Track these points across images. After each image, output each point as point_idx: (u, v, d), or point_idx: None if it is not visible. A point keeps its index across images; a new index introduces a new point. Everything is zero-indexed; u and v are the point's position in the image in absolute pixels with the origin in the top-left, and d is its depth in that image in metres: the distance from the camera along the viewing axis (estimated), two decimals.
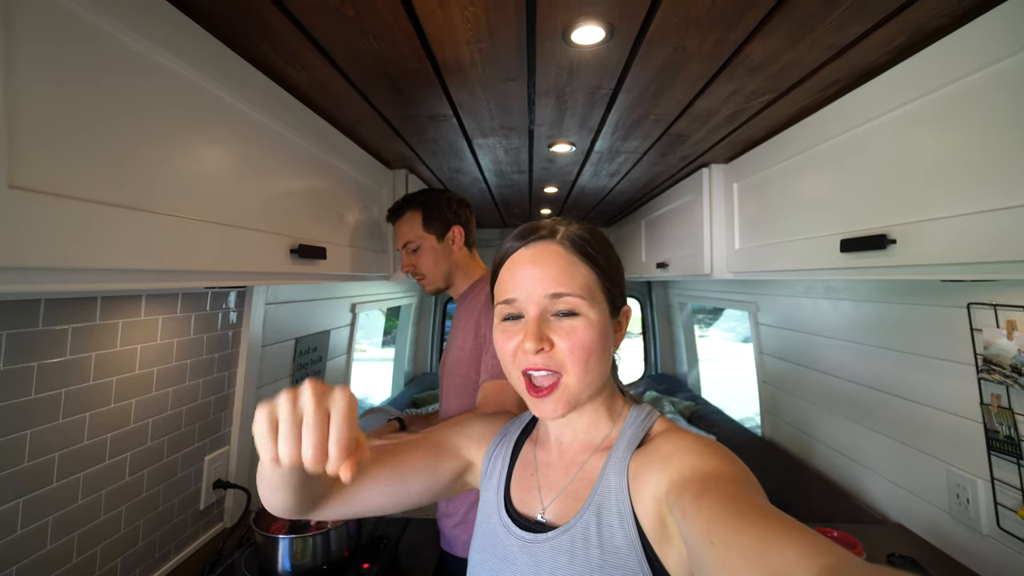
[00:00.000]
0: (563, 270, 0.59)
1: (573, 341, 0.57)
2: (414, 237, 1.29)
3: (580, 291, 0.58)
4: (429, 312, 3.63)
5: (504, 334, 0.61)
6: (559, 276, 0.59)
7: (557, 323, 0.58)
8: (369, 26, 0.76)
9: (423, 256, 1.30)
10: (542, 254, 0.60)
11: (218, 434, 1.32)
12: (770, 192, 1.28)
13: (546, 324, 0.58)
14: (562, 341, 0.57)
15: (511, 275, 0.61)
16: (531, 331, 0.57)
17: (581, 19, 0.74)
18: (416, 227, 1.29)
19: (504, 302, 0.61)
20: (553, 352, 0.57)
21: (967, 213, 0.72)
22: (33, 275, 0.51)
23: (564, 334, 0.57)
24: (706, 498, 0.46)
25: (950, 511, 1.22)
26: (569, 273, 0.59)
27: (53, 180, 0.51)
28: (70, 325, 0.88)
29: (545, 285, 0.58)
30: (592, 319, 0.58)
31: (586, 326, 0.58)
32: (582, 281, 0.59)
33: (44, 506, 0.85)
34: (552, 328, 0.58)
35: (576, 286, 0.59)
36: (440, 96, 1.04)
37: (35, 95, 0.49)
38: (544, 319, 0.58)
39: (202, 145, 0.73)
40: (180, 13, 0.68)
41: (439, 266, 1.30)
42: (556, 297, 0.58)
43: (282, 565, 1.04)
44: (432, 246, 1.29)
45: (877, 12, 0.73)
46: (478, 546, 0.67)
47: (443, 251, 1.30)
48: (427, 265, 1.30)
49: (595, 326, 0.58)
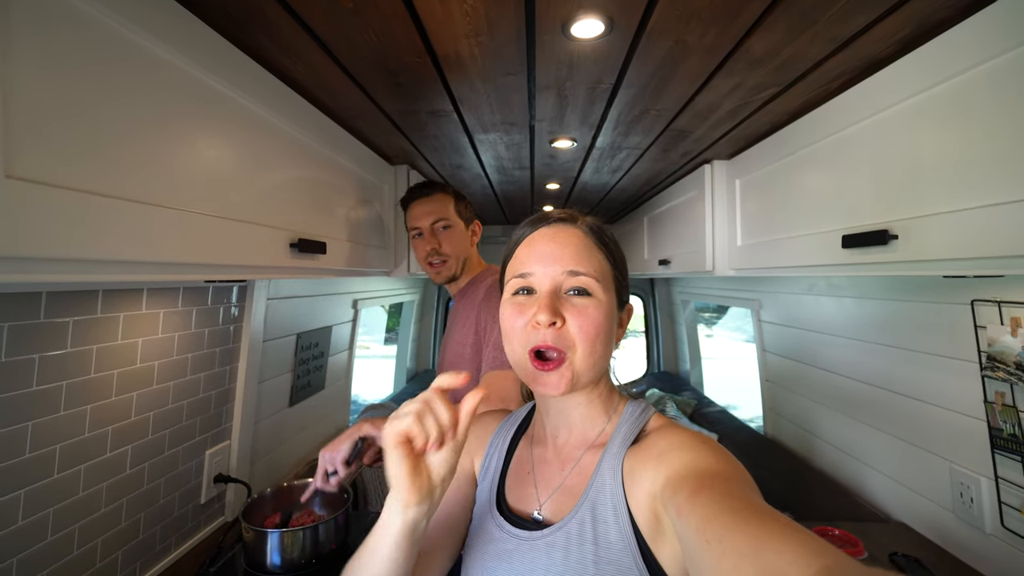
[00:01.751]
0: (581, 250, 0.61)
1: (584, 319, 0.58)
2: (448, 215, 1.30)
3: (595, 273, 0.60)
4: (431, 309, 3.63)
5: (515, 307, 0.61)
6: (578, 255, 0.61)
7: (569, 301, 0.59)
8: (368, 19, 0.76)
9: (453, 236, 1.30)
10: (563, 234, 0.63)
11: (219, 428, 1.32)
12: (772, 188, 1.27)
13: (559, 300, 0.59)
14: (573, 319, 0.58)
15: (530, 250, 0.63)
16: (546, 303, 0.58)
17: (580, 12, 0.74)
18: (450, 208, 1.31)
19: (519, 276, 0.62)
20: (563, 330, 0.58)
21: (970, 208, 0.71)
22: (32, 265, 0.51)
23: (576, 312, 0.59)
24: (701, 496, 0.46)
25: (953, 509, 1.21)
26: (587, 255, 0.61)
27: (51, 171, 0.51)
28: (71, 318, 0.88)
29: (564, 261, 0.60)
30: (603, 302, 0.60)
31: (597, 307, 0.59)
32: (597, 265, 0.61)
33: (45, 498, 0.86)
34: (564, 305, 0.59)
35: (592, 268, 0.61)
36: (440, 91, 1.03)
37: (32, 86, 0.49)
38: (558, 295, 0.60)
39: (200, 137, 0.73)
40: (177, 3, 0.68)
41: (463, 251, 1.32)
42: (573, 275, 0.60)
43: (271, 559, 1.05)
44: (462, 230, 1.33)
45: (880, 4, 0.72)
46: (472, 544, 0.67)
47: (468, 238, 1.34)
48: (453, 246, 1.30)
49: (605, 310, 0.60)
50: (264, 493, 1.22)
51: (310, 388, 1.84)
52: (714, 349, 5.03)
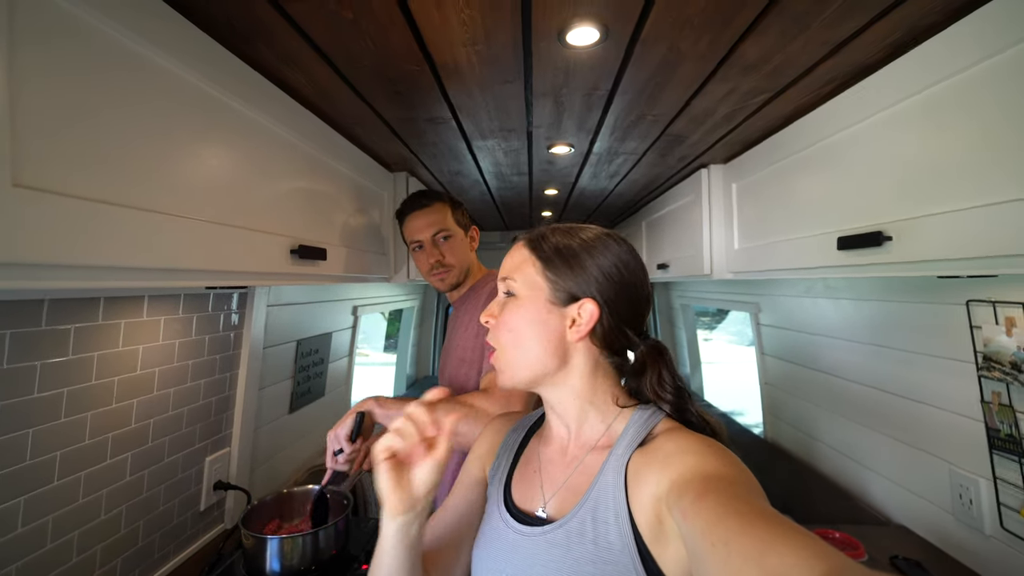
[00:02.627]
0: (519, 263, 0.68)
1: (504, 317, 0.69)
2: (448, 225, 1.30)
3: (518, 276, 0.67)
4: (431, 315, 3.64)
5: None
6: (513, 267, 0.68)
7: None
8: (366, 28, 0.78)
9: (454, 245, 1.30)
10: (514, 250, 0.71)
11: (219, 435, 1.32)
12: (768, 192, 1.28)
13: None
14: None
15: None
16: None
17: (575, 20, 0.75)
18: (448, 217, 1.31)
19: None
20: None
21: (962, 208, 0.72)
22: (36, 272, 0.52)
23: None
24: (707, 499, 0.46)
25: (953, 512, 1.21)
26: (519, 263, 0.68)
27: (56, 179, 0.52)
28: (73, 325, 0.89)
29: (504, 271, 0.69)
30: (523, 300, 0.66)
31: (515, 305, 0.66)
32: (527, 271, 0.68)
33: (44, 505, 0.86)
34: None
35: (519, 273, 0.67)
36: (438, 98, 1.05)
37: (36, 96, 0.50)
38: None
39: (201, 145, 0.74)
40: (178, 14, 0.69)
41: (465, 259, 1.32)
42: (502, 280, 0.70)
43: (270, 566, 1.05)
44: (462, 238, 1.33)
45: (870, 9, 0.73)
46: (482, 540, 0.68)
47: (468, 246, 1.35)
48: (456, 256, 1.30)
49: (523, 308, 0.65)
50: (264, 500, 1.22)
51: (310, 395, 1.84)
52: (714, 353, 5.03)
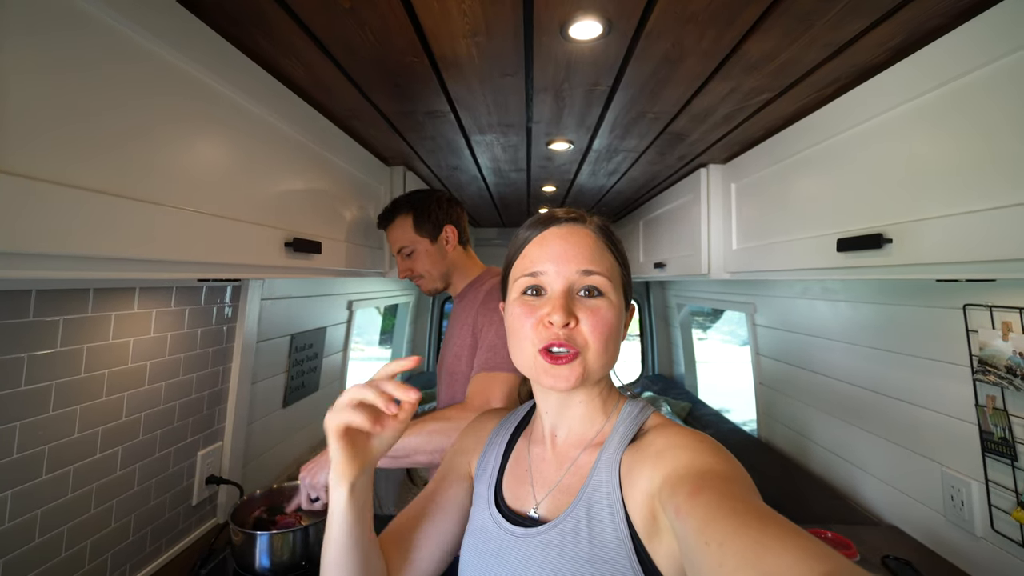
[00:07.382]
0: (594, 250, 0.61)
1: (597, 320, 0.58)
2: (408, 242, 1.28)
3: (607, 272, 0.61)
4: (426, 310, 3.62)
5: (525, 306, 0.60)
6: (591, 255, 0.61)
7: (581, 301, 0.59)
8: (366, 18, 0.76)
9: (419, 260, 1.29)
10: (575, 233, 0.63)
11: (212, 429, 1.31)
12: (768, 192, 1.28)
13: (572, 301, 0.59)
14: (586, 319, 0.58)
15: (541, 249, 0.62)
16: (560, 304, 0.57)
17: (579, 13, 0.74)
18: (408, 231, 1.28)
19: (529, 274, 0.62)
20: (576, 329, 0.58)
21: (963, 212, 0.72)
22: (24, 261, 0.50)
23: (589, 312, 0.58)
24: (701, 496, 0.45)
25: (944, 513, 1.22)
26: (598, 255, 0.61)
27: (44, 166, 0.51)
28: (61, 317, 0.87)
29: (578, 261, 0.60)
30: (614, 302, 0.60)
31: (608, 307, 0.59)
32: (608, 265, 0.62)
33: (33, 499, 0.84)
34: (577, 305, 0.59)
35: (604, 267, 0.61)
36: (437, 91, 1.03)
37: (25, 81, 0.49)
38: (571, 295, 0.59)
39: (195, 134, 0.72)
40: (176, 3, 0.67)
41: (436, 267, 1.29)
42: (587, 274, 0.59)
43: (259, 562, 1.04)
44: (426, 249, 1.28)
45: (874, 10, 0.73)
46: (470, 542, 0.67)
47: (438, 252, 1.29)
48: (424, 268, 1.29)
49: (616, 310, 0.60)
50: (254, 495, 1.21)
51: (304, 389, 1.83)
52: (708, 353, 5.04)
